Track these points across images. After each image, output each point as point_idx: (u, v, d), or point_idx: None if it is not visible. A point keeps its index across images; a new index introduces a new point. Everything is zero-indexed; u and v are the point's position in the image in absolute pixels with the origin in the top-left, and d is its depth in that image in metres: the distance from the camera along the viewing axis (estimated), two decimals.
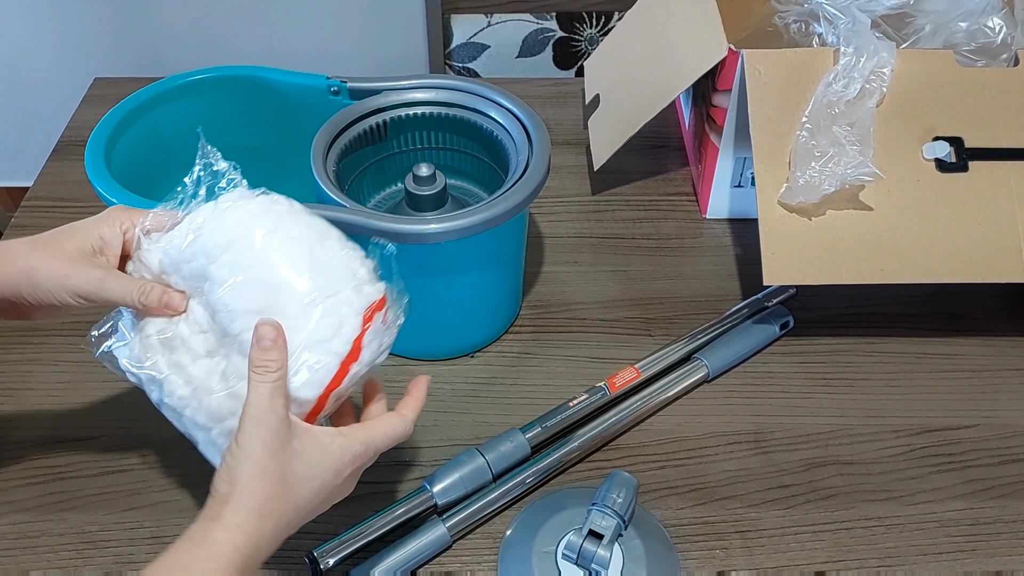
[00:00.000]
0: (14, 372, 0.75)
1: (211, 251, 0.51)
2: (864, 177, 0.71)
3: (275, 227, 0.51)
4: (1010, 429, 0.71)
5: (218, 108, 0.80)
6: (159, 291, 0.53)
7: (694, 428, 0.71)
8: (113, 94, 0.98)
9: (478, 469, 0.64)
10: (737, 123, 0.81)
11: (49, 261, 0.52)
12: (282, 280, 0.49)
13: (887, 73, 0.73)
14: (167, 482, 0.67)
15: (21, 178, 1.40)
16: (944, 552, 0.63)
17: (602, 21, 1.23)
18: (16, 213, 0.90)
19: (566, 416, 0.69)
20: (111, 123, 0.73)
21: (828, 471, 0.68)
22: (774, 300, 0.80)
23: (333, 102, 0.78)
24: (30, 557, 0.62)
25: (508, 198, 0.66)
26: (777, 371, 0.76)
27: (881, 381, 0.75)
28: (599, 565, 0.57)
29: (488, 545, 0.63)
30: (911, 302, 0.81)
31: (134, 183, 0.68)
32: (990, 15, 0.77)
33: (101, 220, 0.55)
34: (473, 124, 0.77)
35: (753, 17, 0.87)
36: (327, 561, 0.59)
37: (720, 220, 0.91)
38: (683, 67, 0.81)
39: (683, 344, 0.75)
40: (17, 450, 0.69)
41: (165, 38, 1.23)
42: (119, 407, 0.72)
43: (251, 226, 0.51)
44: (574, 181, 0.95)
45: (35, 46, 1.23)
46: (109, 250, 0.54)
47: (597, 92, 0.95)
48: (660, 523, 0.64)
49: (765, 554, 0.63)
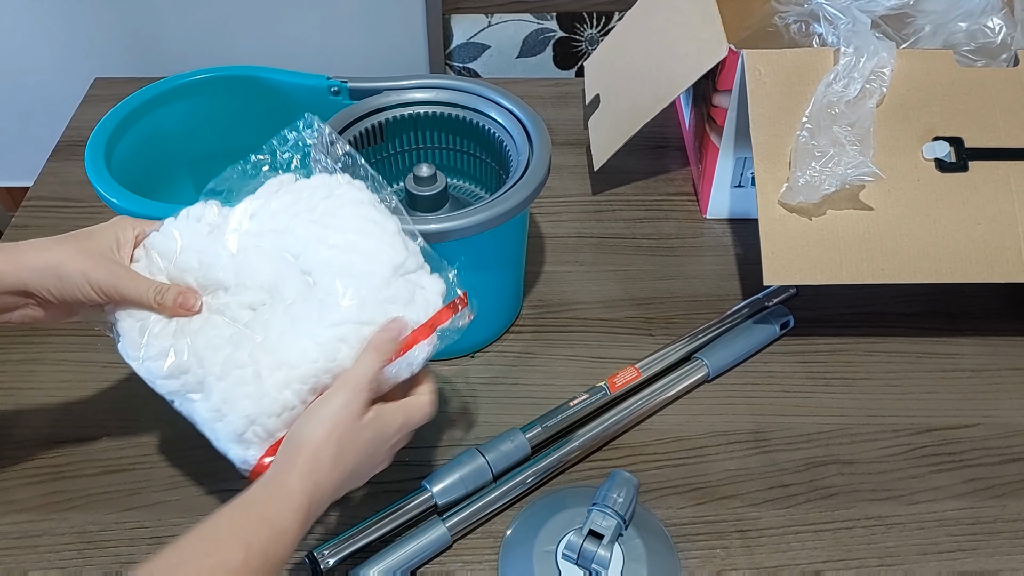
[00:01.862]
0: (15, 372, 0.75)
1: (320, 218, 0.55)
2: (864, 177, 0.71)
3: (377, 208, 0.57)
4: (1010, 428, 0.71)
5: (218, 108, 0.80)
6: (175, 291, 0.55)
7: (694, 428, 0.71)
8: (113, 94, 0.98)
9: (478, 469, 0.64)
10: (737, 123, 0.81)
11: (74, 255, 0.54)
12: (380, 252, 0.54)
13: (887, 73, 0.73)
14: (167, 482, 0.67)
15: (21, 178, 1.40)
16: (944, 551, 0.63)
17: (602, 21, 1.23)
18: (16, 213, 0.90)
19: (566, 416, 0.69)
20: (111, 123, 0.73)
21: (828, 470, 0.68)
22: (774, 300, 0.80)
23: (333, 102, 0.78)
24: (31, 556, 0.62)
25: (508, 198, 0.66)
26: (777, 371, 0.76)
27: (881, 381, 0.75)
28: (599, 565, 0.57)
29: (488, 545, 0.63)
30: (911, 302, 0.81)
31: (134, 183, 0.68)
32: (990, 15, 0.77)
33: (114, 224, 0.57)
34: (473, 124, 0.77)
35: (753, 17, 0.87)
36: (327, 561, 0.59)
37: (720, 220, 0.91)
38: (683, 67, 0.81)
39: (683, 344, 0.75)
40: (18, 450, 0.69)
41: (165, 38, 1.23)
42: (120, 407, 0.72)
43: (364, 202, 0.56)
44: (574, 181, 0.95)
45: (35, 46, 1.23)
46: (124, 249, 0.56)
47: (597, 92, 0.95)
48: (660, 523, 0.64)
49: (765, 553, 0.63)
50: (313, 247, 0.54)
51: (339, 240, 0.54)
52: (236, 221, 0.57)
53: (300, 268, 0.54)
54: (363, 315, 0.52)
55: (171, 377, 0.54)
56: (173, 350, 0.54)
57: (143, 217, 0.68)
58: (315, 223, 0.55)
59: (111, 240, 0.56)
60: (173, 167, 0.81)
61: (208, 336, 0.54)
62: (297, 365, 0.51)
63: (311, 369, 0.51)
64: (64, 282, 0.53)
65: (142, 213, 0.68)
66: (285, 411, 0.51)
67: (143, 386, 0.73)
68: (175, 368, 0.53)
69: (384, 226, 0.56)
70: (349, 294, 0.52)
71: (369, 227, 0.55)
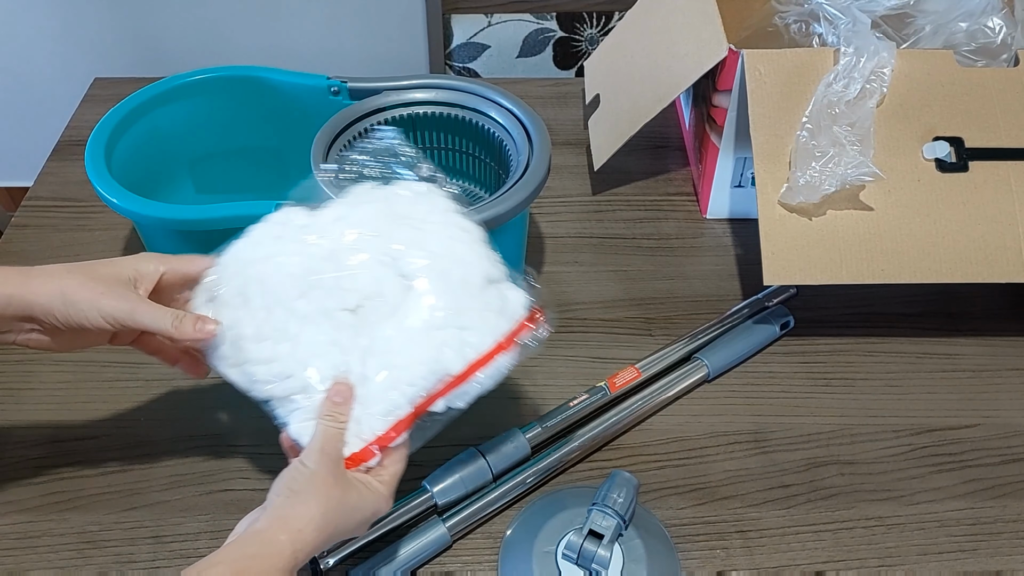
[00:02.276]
0: (14, 372, 0.75)
1: (416, 223, 0.56)
2: (864, 177, 0.71)
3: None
4: (1010, 429, 0.71)
5: (218, 108, 0.80)
6: (192, 318, 0.54)
7: (694, 428, 0.71)
8: (113, 94, 0.98)
9: (478, 469, 0.64)
10: (737, 123, 0.81)
11: (84, 281, 0.53)
12: (474, 260, 0.55)
13: (887, 73, 0.73)
14: (167, 482, 0.67)
15: (21, 178, 1.40)
16: (944, 552, 0.63)
17: (602, 21, 1.23)
18: (16, 213, 0.90)
19: (566, 416, 0.69)
20: (111, 123, 0.73)
21: (828, 471, 0.68)
22: (774, 300, 0.80)
23: (333, 102, 0.78)
24: (31, 557, 0.62)
25: (508, 198, 0.66)
26: (777, 371, 0.76)
27: (881, 381, 0.75)
28: (599, 565, 0.57)
29: (488, 545, 0.63)
30: (911, 302, 0.81)
31: (134, 183, 0.68)
32: (990, 15, 0.77)
33: (137, 257, 0.57)
34: (473, 124, 0.77)
35: (753, 17, 0.87)
36: (327, 561, 0.59)
37: (720, 220, 0.91)
38: (683, 67, 0.81)
39: (683, 344, 0.75)
40: (17, 450, 0.69)
41: (165, 38, 1.23)
42: (119, 407, 0.72)
43: (451, 209, 0.58)
44: (574, 181, 0.95)
45: (35, 46, 1.23)
46: (143, 283, 0.56)
47: (597, 92, 0.95)
48: (660, 523, 0.64)
49: (765, 554, 0.63)
50: (411, 252, 0.54)
51: (436, 246, 0.55)
52: (328, 225, 0.56)
53: (398, 272, 0.54)
54: (462, 320, 0.53)
55: (270, 382, 0.54)
56: (274, 355, 0.53)
57: (144, 217, 0.68)
58: (412, 228, 0.55)
59: (128, 271, 0.55)
60: (173, 167, 0.81)
61: (311, 339, 0.53)
62: (404, 367, 0.52)
63: (419, 372, 0.52)
64: (70, 308, 0.53)
65: (142, 213, 0.68)
66: (391, 413, 0.52)
67: (143, 386, 0.73)
68: (278, 373, 0.53)
69: (473, 234, 0.56)
70: (448, 300, 0.53)
71: (461, 235, 0.56)
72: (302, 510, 0.48)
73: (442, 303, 0.53)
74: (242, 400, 0.73)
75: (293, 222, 0.57)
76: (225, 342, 0.55)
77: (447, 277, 0.54)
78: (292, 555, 0.47)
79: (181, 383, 0.74)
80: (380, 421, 0.52)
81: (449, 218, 0.57)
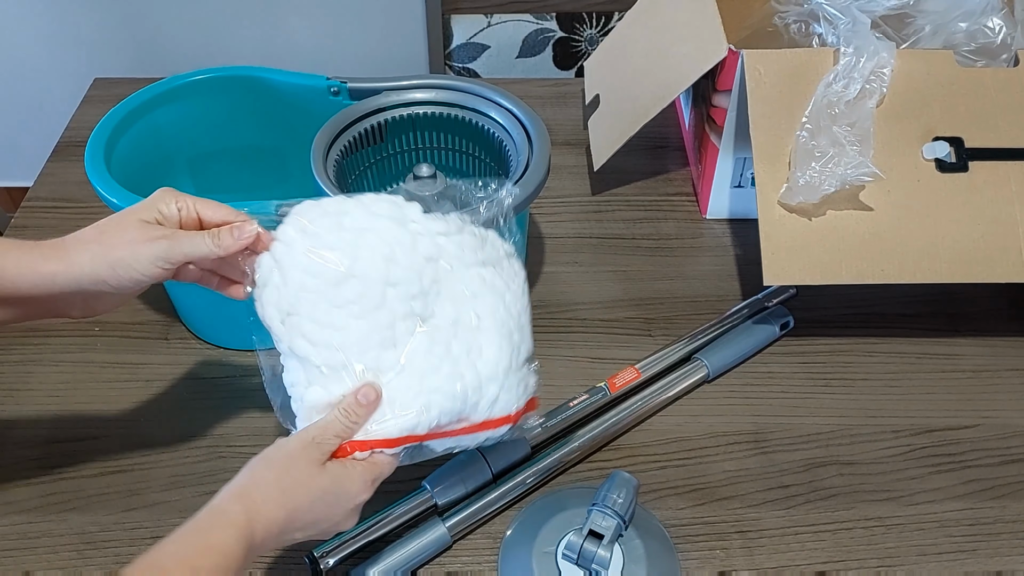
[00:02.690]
0: (14, 372, 0.75)
1: (500, 272, 0.57)
2: (864, 177, 0.71)
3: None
4: (1010, 429, 0.71)
5: (218, 108, 0.80)
6: (227, 230, 0.53)
7: (694, 428, 0.71)
8: (113, 94, 0.98)
9: (478, 469, 0.64)
10: (737, 123, 0.81)
11: (121, 236, 0.52)
12: (524, 329, 0.57)
13: (887, 73, 0.73)
14: (167, 482, 0.67)
15: (21, 178, 1.40)
16: (944, 552, 0.63)
17: (602, 21, 1.23)
18: (16, 213, 0.90)
19: (566, 416, 0.69)
20: (111, 123, 0.73)
21: (828, 471, 0.68)
22: (774, 300, 0.80)
23: (333, 102, 0.78)
24: (30, 557, 0.62)
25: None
26: (777, 371, 0.76)
27: (881, 381, 0.75)
28: (599, 565, 0.57)
29: (488, 545, 0.63)
30: (911, 302, 0.81)
31: (134, 183, 0.68)
32: (990, 15, 0.77)
33: (154, 199, 0.54)
34: (473, 124, 0.77)
35: (753, 17, 0.87)
36: (327, 561, 0.59)
37: (720, 220, 0.91)
38: (683, 67, 0.81)
39: (683, 344, 0.75)
40: (17, 450, 0.69)
41: (165, 38, 1.23)
42: (119, 407, 0.72)
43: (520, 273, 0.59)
44: (574, 181, 0.95)
45: (35, 46, 1.23)
46: (168, 223, 0.54)
47: (597, 92, 0.95)
48: (660, 523, 0.64)
49: (765, 554, 0.63)
50: (488, 296, 0.55)
51: (510, 299, 0.56)
52: (434, 237, 0.56)
53: (473, 309, 0.55)
54: (506, 382, 0.55)
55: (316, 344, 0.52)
56: (335, 322, 0.52)
57: None
58: (498, 275, 0.56)
59: (153, 213, 0.53)
60: (173, 167, 0.81)
61: (375, 326, 0.53)
62: (438, 390, 0.53)
63: (448, 406, 0.53)
64: (119, 265, 0.51)
65: None
66: (404, 430, 0.53)
67: (143, 386, 0.74)
68: (326, 342, 0.52)
69: (526, 302, 0.58)
70: (504, 360, 0.55)
71: (523, 297, 0.58)
72: (260, 479, 0.48)
73: (496, 358, 0.54)
74: (242, 400, 0.73)
75: (410, 216, 0.56)
76: (287, 285, 0.52)
77: (507, 332, 0.55)
78: (247, 523, 0.46)
79: (181, 383, 0.74)
80: (393, 428, 0.52)
81: (519, 276, 0.58)
